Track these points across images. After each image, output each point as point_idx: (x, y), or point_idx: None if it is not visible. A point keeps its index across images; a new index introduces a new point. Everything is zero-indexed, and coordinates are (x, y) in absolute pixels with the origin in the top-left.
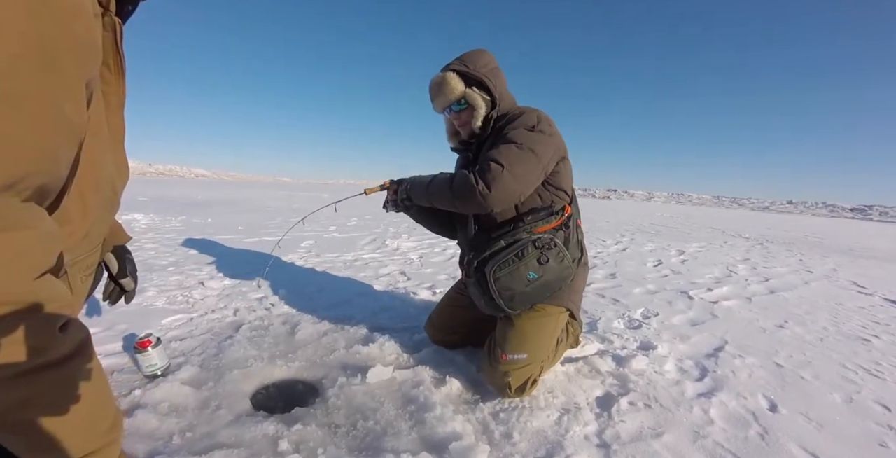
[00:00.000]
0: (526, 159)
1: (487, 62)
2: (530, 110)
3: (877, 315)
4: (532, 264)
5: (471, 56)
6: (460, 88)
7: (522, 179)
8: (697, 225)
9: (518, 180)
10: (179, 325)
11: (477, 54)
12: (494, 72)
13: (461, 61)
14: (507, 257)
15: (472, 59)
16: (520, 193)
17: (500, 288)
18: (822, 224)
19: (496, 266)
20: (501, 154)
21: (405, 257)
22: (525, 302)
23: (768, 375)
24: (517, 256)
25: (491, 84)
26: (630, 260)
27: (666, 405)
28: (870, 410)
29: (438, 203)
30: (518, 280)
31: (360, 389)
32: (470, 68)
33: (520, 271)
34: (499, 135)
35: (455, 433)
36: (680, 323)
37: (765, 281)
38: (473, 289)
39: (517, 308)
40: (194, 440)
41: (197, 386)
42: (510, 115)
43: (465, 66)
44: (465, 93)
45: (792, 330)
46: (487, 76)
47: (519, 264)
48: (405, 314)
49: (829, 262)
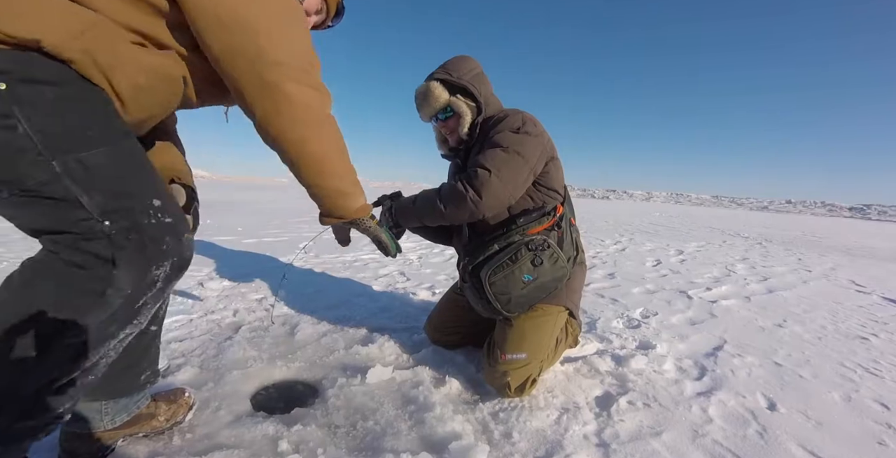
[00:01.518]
0: (513, 162)
1: (471, 68)
2: (515, 112)
3: (875, 314)
4: (526, 266)
5: (454, 63)
6: (445, 97)
7: (511, 182)
8: (696, 225)
9: (507, 184)
10: (179, 326)
11: (460, 61)
12: (478, 77)
13: (444, 69)
14: (502, 262)
15: (455, 67)
16: (510, 196)
17: (495, 292)
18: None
19: (491, 271)
20: (488, 159)
21: (404, 258)
22: (522, 305)
23: (767, 374)
24: (511, 259)
25: (475, 90)
26: (629, 260)
27: (665, 404)
28: (868, 408)
29: (429, 220)
30: (513, 284)
31: (359, 389)
32: (453, 76)
33: (515, 275)
34: (485, 139)
35: (455, 432)
36: (679, 323)
37: (763, 280)
38: (470, 294)
39: (514, 311)
40: (194, 440)
41: (197, 387)
42: (495, 118)
43: (449, 74)
44: (449, 101)
45: (791, 329)
46: (471, 83)
47: (513, 268)
48: (404, 315)
49: (827, 261)
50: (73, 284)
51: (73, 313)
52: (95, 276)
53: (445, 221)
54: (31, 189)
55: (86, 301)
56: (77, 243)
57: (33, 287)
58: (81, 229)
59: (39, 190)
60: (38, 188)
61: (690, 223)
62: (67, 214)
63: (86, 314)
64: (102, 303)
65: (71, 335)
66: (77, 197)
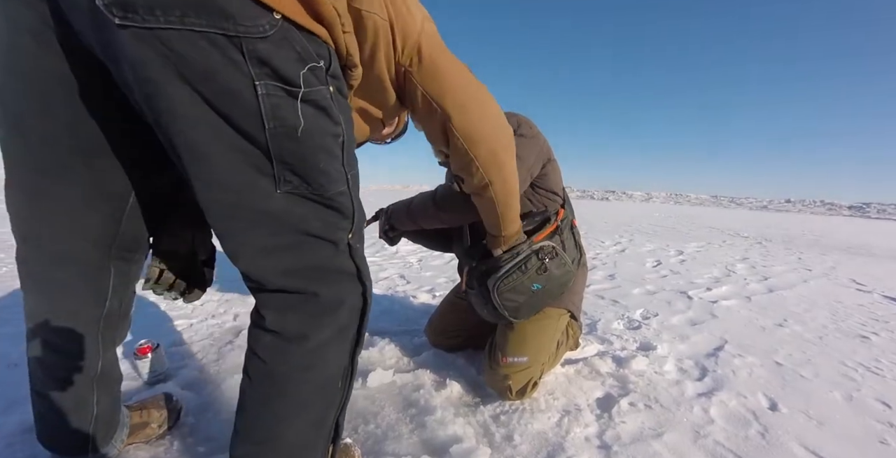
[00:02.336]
0: None
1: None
2: (510, 115)
3: (876, 312)
4: (534, 276)
5: None
6: None
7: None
8: (696, 225)
9: None
10: (179, 330)
11: None
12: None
13: None
14: (511, 272)
15: None
16: None
17: (503, 301)
18: (821, 222)
19: (500, 281)
20: None
21: (404, 261)
22: (529, 312)
23: (768, 374)
24: (520, 270)
25: None
26: (629, 261)
27: (666, 405)
28: (870, 407)
29: (425, 222)
30: (522, 293)
31: (360, 393)
32: None
33: (524, 285)
34: None
35: (456, 436)
36: (679, 323)
37: (764, 280)
38: (476, 300)
39: (521, 318)
40: (196, 444)
41: (197, 391)
42: None
43: None
44: None
45: (791, 329)
46: None
47: (523, 279)
48: (405, 318)
49: (827, 260)
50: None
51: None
52: (357, 287)
53: (442, 222)
54: (329, 197)
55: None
56: (333, 260)
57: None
58: (336, 238)
59: (334, 198)
60: (333, 197)
61: (690, 223)
62: (337, 223)
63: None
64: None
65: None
66: (353, 211)
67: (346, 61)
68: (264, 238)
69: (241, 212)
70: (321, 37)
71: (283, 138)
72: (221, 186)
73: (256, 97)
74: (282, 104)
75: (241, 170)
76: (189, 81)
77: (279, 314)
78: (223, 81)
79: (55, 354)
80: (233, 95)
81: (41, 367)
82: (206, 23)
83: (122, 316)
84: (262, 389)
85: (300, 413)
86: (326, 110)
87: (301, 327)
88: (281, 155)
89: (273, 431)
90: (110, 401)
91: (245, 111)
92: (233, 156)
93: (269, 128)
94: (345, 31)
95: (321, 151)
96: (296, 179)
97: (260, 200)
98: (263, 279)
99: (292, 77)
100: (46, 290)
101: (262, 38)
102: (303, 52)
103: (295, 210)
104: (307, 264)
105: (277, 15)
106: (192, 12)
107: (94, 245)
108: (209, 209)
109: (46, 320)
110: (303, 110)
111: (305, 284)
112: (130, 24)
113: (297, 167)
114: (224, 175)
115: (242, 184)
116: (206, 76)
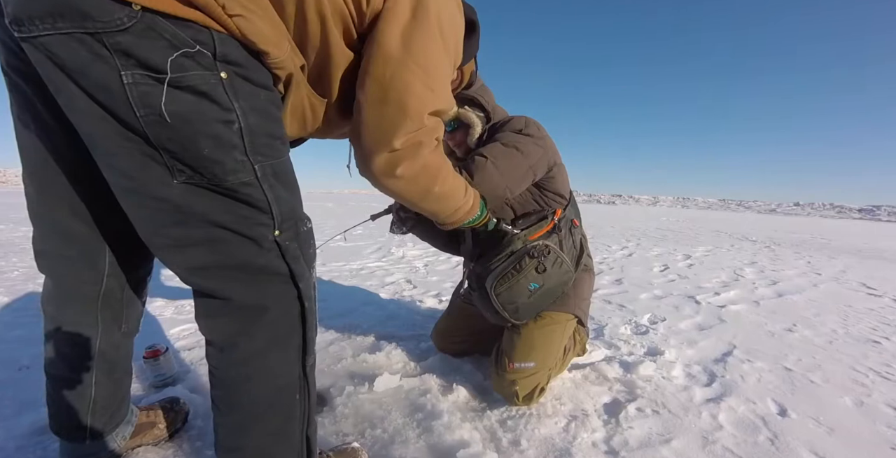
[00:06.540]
0: (511, 155)
1: (474, 81)
2: (518, 117)
3: (887, 317)
4: (531, 274)
5: None
6: (454, 109)
7: (507, 173)
8: (703, 229)
9: (502, 173)
10: (188, 334)
11: None
12: (483, 88)
13: None
14: (506, 272)
15: None
16: (504, 186)
17: (503, 302)
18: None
19: (496, 282)
20: (486, 149)
21: (411, 266)
22: (530, 312)
23: (777, 379)
24: (515, 269)
25: (484, 101)
26: (636, 265)
27: (674, 410)
28: (881, 413)
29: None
30: (520, 293)
31: (367, 397)
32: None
33: (521, 284)
34: (489, 141)
35: (463, 440)
36: (687, 328)
37: (772, 284)
38: (479, 301)
39: (523, 319)
40: (203, 447)
41: (205, 395)
42: (500, 122)
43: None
44: (458, 113)
45: (801, 333)
46: (478, 94)
47: (519, 278)
48: (411, 322)
49: (837, 263)
50: (287, 312)
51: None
52: (289, 290)
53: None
54: (230, 188)
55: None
56: (256, 259)
57: (261, 348)
58: (256, 234)
59: (237, 189)
60: (236, 188)
61: (697, 227)
62: (253, 217)
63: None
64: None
65: (308, 363)
66: (269, 204)
67: (256, 48)
68: (172, 228)
69: (144, 199)
70: (199, 22)
71: (156, 126)
72: (122, 172)
73: (123, 86)
74: (151, 92)
75: (135, 159)
76: (73, 79)
77: (205, 321)
78: (95, 76)
79: (52, 321)
80: (106, 87)
81: (45, 341)
82: (71, 25)
83: (125, 302)
84: (217, 398)
85: (256, 425)
86: (208, 95)
87: (226, 336)
88: (160, 142)
89: (237, 441)
90: (111, 387)
91: (118, 101)
92: (125, 145)
93: (140, 116)
94: (233, 15)
95: (204, 137)
96: (187, 169)
97: (158, 187)
98: (182, 278)
99: (158, 64)
100: (55, 264)
101: (122, 30)
102: (173, 39)
103: (196, 200)
104: (221, 262)
105: (137, 6)
106: (59, 17)
107: (88, 225)
108: (120, 197)
109: (49, 292)
110: (174, 96)
111: (219, 284)
112: (26, 35)
113: (179, 155)
114: (122, 163)
115: (138, 171)
116: (81, 73)
